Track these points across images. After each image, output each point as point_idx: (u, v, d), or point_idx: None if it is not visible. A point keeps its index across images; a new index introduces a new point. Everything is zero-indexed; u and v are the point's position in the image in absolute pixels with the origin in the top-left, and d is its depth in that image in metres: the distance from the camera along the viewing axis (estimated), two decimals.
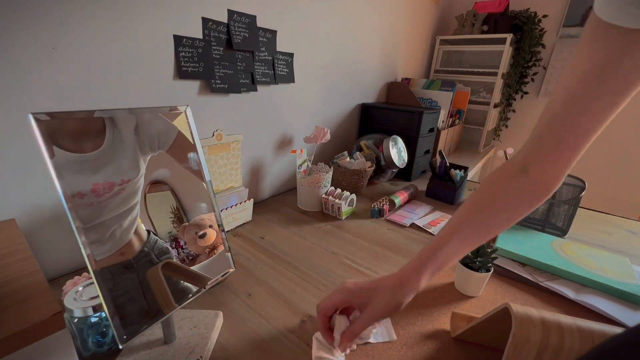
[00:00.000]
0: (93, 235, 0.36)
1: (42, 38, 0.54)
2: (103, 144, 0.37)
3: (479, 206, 0.46)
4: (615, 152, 1.81)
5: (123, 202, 0.39)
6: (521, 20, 1.76)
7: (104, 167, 0.37)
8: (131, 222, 0.41)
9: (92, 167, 0.36)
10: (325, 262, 0.73)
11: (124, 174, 0.39)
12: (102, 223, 0.37)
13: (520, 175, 0.44)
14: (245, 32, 0.85)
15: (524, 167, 0.44)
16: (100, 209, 0.36)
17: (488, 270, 0.61)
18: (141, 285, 0.41)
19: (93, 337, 0.45)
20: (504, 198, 0.45)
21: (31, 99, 0.55)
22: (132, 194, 0.41)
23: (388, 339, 0.52)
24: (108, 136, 0.38)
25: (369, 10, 1.30)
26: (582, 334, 0.36)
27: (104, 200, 0.36)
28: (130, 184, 0.40)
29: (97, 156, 0.36)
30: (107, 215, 0.37)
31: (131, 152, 0.40)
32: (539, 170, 0.43)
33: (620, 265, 0.70)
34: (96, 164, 0.36)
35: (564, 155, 0.41)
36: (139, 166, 0.41)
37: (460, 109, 1.77)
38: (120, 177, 0.38)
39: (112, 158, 0.38)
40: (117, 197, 0.38)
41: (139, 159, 0.41)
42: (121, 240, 0.39)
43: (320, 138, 1.06)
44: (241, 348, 0.50)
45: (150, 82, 0.70)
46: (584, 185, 0.85)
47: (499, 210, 0.45)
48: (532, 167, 0.43)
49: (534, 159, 0.43)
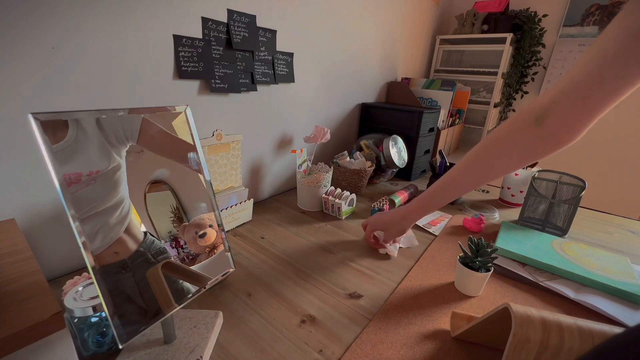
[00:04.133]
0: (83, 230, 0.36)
1: (42, 38, 0.54)
2: (66, 138, 0.37)
3: (477, 162, 0.50)
4: (616, 152, 1.81)
5: (101, 196, 0.39)
6: (521, 20, 1.76)
7: (72, 158, 0.37)
8: (119, 220, 0.41)
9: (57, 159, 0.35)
10: (325, 262, 0.73)
11: (93, 165, 0.39)
12: (86, 219, 0.37)
13: (532, 128, 0.43)
14: (245, 31, 0.85)
15: (540, 118, 0.42)
16: (75, 201, 0.36)
17: (488, 270, 0.61)
18: (137, 285, 0.41)
19: (93, 337, 0.45)
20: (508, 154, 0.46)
21: (31, 99, 0.55)
22: (111, 188, 0.40)
23: (411, 245, 0.80)
24: (71, 131, 0.38)
25: (369, 9, 1.30)
26: (582, 334, 0.36)
27: (75, 191, 0.36)
28: (100, 176, 0.39)
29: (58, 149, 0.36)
30: (84, 207, 0.37)
31: (96, 144, 0.40)
32: (558, 122, 0.41)
33: (620, 265, 0.70)
34: (61, 156, 0.36)
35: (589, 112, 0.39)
36: (108, 158, 0.41)
37: (461, 109, 1.77)
38: (89, 168, 0.38)
39: (78, 149, 0.38)
40: (88, 188, 0.37)
41: (109, 151, 0.41)
42: (110, 237, 0.39)
43: (320, 138, 1.06)
44: (241, 348, 0.50)
45: (149, 81, 0.70)
46: (584, 185, 0.85)
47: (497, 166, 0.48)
48: (550, 119, 0.41)
49: (554, 111, 0.41)
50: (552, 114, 0.41)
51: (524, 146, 0.45)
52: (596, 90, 0.38)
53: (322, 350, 0.49)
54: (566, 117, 0.40)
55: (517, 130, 0.45)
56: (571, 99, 0.40)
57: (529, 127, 0.43)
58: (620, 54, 0.35)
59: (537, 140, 0.44)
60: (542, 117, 0.42)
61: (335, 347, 0.50)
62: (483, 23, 1.77)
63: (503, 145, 0.47)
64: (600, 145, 1.83)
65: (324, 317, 0.56)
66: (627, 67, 0.36)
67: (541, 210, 0.91)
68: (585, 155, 1.88)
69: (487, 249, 0.62)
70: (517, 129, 0.45)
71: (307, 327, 0.54)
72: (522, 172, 1.04)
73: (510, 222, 0.91)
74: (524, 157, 0.46)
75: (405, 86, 1.57)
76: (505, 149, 0.47)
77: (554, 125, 0.42)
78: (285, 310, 0.58)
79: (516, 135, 0.45)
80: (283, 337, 0.52)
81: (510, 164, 0.48)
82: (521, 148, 0.45)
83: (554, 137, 0.42)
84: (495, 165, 0.49)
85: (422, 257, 0.76)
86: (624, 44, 0.35)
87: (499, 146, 0.48)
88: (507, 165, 0.48)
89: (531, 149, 0.45)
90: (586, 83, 0.38)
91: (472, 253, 0.63)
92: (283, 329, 0.54)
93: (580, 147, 1.90)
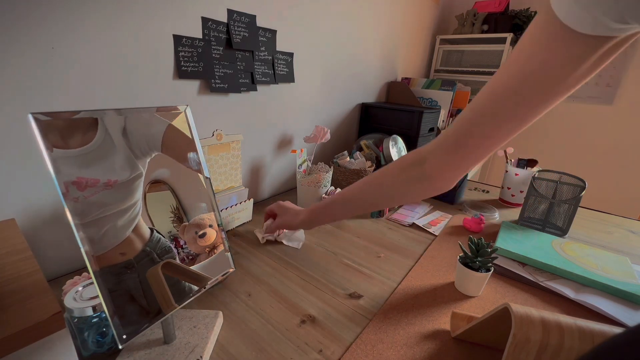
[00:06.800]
0: (88, 232, 0.36)
1: (42, 38, 0.54)
2: (92, 142, 0.37)
3: (369, 188, 0.54)
4: (615, 152, 1.81)
5: (116, 201, 0.39)
6: (521, 20, 1.75)
7: (93, 164, 0.37)
8: (128, 221, 0.41)
9: (77, 162, 0.35)
10: (325, 262, 0.73)
11: (114, 174, 0.39)
12: (95, 222, 0.36)
13: (417, 165, 0.47)
14: (245, 31, 0.85)
15: (423, 159, 0.46)
16: (87, 205, 0.36)
17: (488, 270, 0.61)
18: (142, 284, 0.41)
19: (93, 337, 0.45)
20: (394, 184, 0.50)
21: (31, 99, 0.55)
22: (127, 194, 0.40)
23: (292, 245, 0.79)
24: (99, 135, 0.38)
25: (369, 9, 1.30)
26: (582, 334, 0.36)
27: (89, 196, 0.36)
28: (118, 184, 0.39)
29: (81, 152, 0.36)
30: (95, 211, 0.37)
31: (122, 153, 0.40)
32: (435, 165, 0.45)
33: (620, 265, 0.70)
34: (82, 159, 0.36)
35: (462, 159, 0.42)
36: (130, 168, 0.41)
37: (461, 109, 1.76)
38: (108, 176, 0.38)
39: (103, 156, 0.38)
40: (103, 193, 0.37)
41: (133, 161, 0.41)
42: (116, 238, 0.39)
43: (320, 138, 1.06)
44: (241, 348, 0.50)
45: (150, 81, 0.70)
46: (584, 185, 0.85)
47: (385, 191, 0.52)
48: (430, 161, 0.45)
49: (434, 154, 0.45)
50: (431, 159, 0.45)
51: (408, 179, 0.49)
52: (463, 147, 0.41)
53: (322, 351, 0.49)
54: (440, 166, 0.45)
55: (407, 164, 0.49)
56: (443, 151, 0.44)
57: (414, 165, 0.48)
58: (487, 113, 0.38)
59: (417, 179, 0.48)
60: (424, 159, 0.46)
61: (335, 347, 0.50)
62: (483, 23, 1.77)
63: (392, 172, 0.51)
64: (600, 145, 1.83)
65: (324, 317, 0.56)
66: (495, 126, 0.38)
67: (541, 210, 0.91)
68: (585, 155, 1.88)
69: (487, 249, 0.62)
70: (407, 163, 0.49)
71: (307, 327, 0.54)
72: (522, 172, 1.04)
73: (510, 222, 0.91)
74: (407, 189, 0.50)
75: (405, 86, 1.57)
76: (394, 176, 0.50)
77: (430, 170, 0.46)
78: (285, 310, 0.58)
79: (404, 167, 0.49)
80: (283, 337, 0.52)
81: (396, 193, 0.51)
82: (406, 180, 0.49)
83: (429, 181, 0.47)
84: (383, 189, 0.52)
85: (422, 257, 0.76)
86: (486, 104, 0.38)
87: (390, 172, 0.51)
88: (392, 193, 0.52)
89: (413, 184, 0.48)
90: (454, 141, 0.42)
91: (472, 253, 0.63)
92: (283, 329, 0.54)
93: (580, 147, 1.91)
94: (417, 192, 0.49)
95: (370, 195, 0.54)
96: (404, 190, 0.50)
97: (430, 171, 0.46)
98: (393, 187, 0.51)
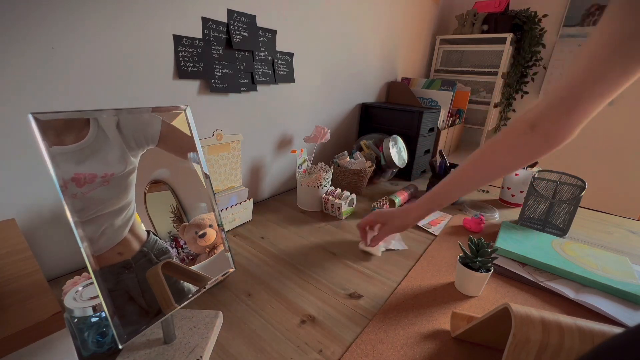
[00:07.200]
0: (86, 231, 0.36)
1: (42, 38, 0.54)
2: (86, 138, 0.37)
3: (479, 164, 0.55)
4: (615, 151, 1.80)
5: (111, 198, 0.39)
6: (521, 20, 1.75)
7: (88, 159, 0.37)
8: (124, 221, 0.41)
9: (73, 158, 0.36)
10: (325, 262, 0.73)
11: (109, 167, 0.39)
12: (92, 220, 0.37)
13: (527, 133, 0.48)
14: (245, 31, 0.85)
15: (533, 125, 0.47)
16: (86, 201, 0.36)
17: (488, 270, 0.61)
18: (140, 285, 0.41)
19: (93, 337, 0.45)
20: (505, 157, 0.52)
21: (31, 99, 0.55)
22: (122, 190, 0.41)
23: (401, 248, 0.79)
24: (92, 131, 0.38)
25: (369, 9, 1.30)
26: (582, 334, 0.36)
27: (88, 192, 0.36)
28: (115, 178, 0.40)
29: (77, 148, 0.36)
30: (93, 208, 0.37)
31: (117, 147, 0.40)
32: (548, 126, 0.46)
33: (620, 265, 0.70)
34: (77, 155, 0.36)
35: (577, 116, 0.43)
36: (125, 161, 0.41)
37: (461, 109, 1.77)
38: (104, 170, 0.38)
39: (97, 150, 0.38)
40: (100, 189, 0.38)
41: (127, 155, 0.41)
42: (114, 238, 0.39)
43: (320, 138, 1.06)
44: (241, 348, 0.50)
45: (150, 81, 0.70)
46: (584, 185, 0.85)
47: (497, 166, 0.54)
48: (541, 124, 0.46)
49: (545, 117, 0.46)
50: (543, 123, 0.47)
51: (520, 148, 0.50)
52: (580, 103, 0.42)
53: (322, 351, 0.49)
54: (555, 127, 0.46)
55: (514, 136, 0.50)
56: (559, 113, 0.45)
57: (525, 133, 0.49)
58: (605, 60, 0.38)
59: (531, 145, 0.49)
60: (534, 125, 0.47)
61: (335, 347, 0.50)
62: (483, 23, 1.77)
63: (502, 147, 0.53)
64: (600, 145, 1.83)
65: (324, 317, 0.56)
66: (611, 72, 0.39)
67: (541, 210, 0.91)
68: (585, 155, 1.88)
69: (487, 249, 0.62)
70: (515, 135, 0.50)
71: (307, 327, 0.54)
72: (522, 172, 1.04)
73: (510, 222, 0.91)
74: (520, 157, 0.51)
75: (405, 86, 1.57)
76: (504, 150, 0.52)
77: (546, 133, 0.47)
78: (285, 310, 0.58)
79: (513, 139, 0.51)
80: (283, 337, 0.52)
81: (509, 164, 0.53)
82: (517, 150, 0.51)
83: (548, 143, 0.48)
84: (496, 165, 0.54)
85: (422, 257, 0.76)
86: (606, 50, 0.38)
87: (499, 148, 0.53)
88: (505, 165, 0.54)
89: (526, 150, 0.50)
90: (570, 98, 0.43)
91: (472, 253, 0.63)
92: (283, 329, 0.54)
93: (580, 147, 1.90)
94: (531, 156, 0.50)
95: (484, 173, 0.56)
96: (518, 162, 0.52)
97: (546, 135, 0.46)
98: (505, 161, 0.53)
